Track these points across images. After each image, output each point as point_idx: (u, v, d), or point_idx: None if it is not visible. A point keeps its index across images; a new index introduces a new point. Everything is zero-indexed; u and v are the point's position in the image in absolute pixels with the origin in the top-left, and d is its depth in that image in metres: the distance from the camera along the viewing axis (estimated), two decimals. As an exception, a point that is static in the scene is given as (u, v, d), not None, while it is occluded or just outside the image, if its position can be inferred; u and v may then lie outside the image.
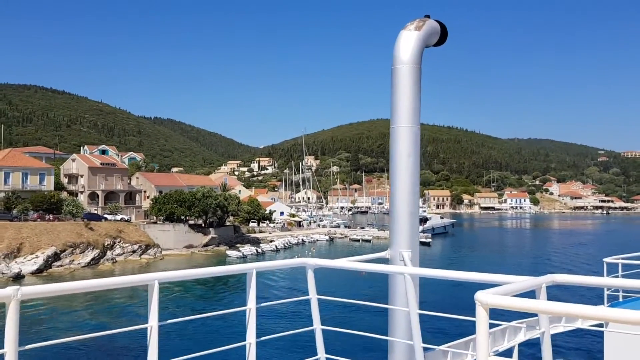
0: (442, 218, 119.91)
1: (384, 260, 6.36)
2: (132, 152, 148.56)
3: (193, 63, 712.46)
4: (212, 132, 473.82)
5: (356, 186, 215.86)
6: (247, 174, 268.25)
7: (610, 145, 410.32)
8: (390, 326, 6.08)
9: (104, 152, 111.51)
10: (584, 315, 2.65)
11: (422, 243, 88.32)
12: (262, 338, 5.04)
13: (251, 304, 4.93)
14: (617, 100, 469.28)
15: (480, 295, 2.93)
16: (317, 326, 5.56)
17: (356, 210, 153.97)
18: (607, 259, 11.42)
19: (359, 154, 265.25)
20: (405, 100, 6.26)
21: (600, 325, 7.92)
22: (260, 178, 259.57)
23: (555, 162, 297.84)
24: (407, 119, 6.27)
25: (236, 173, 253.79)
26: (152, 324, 4.14)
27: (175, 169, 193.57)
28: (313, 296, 5.53)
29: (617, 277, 10.85)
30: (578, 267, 60.86)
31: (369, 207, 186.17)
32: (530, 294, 3.73)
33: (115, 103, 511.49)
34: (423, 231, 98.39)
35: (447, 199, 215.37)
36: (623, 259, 11.67)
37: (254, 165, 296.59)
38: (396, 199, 6.32)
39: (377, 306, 5.74)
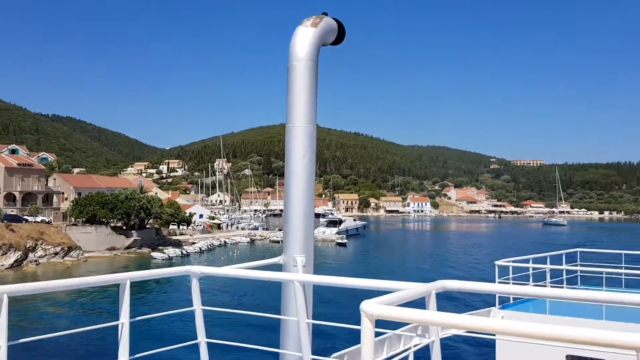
0: (355, 220, 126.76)
1: (278, 267, 6.08)
2: (43, 152, 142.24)
3: (93, 58, 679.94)
4: (115, 132, 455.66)
5: (269, 189, 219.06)
6: (156, 176, 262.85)
7: (501, 153, 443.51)
8: (282, 337, 5.78)
9: (13, 151, 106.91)
10: (469, 327, 2.57)
11: (339, 244, 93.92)
12: (137, 355, 4.67)
13: (124, 318, 4.60)
14: (507, 110, 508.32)
15: (365, 306, 2.79)
16: (202, 339, 5.29)
17: (270, 213, 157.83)
18: (498, 262, 12.19)
19: (271, 158, 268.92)
20: (301, 99, 6.07)
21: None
22: (169, 180, 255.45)
23: (453, 169, 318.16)
24: (302, 119, 6.06)
25: (144, 175, 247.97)
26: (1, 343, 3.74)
27: (76, 170, 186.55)
28: (198, 307, 5.24)
29: (507, 279, 12.19)
30: (475, 268, 64.99)
31: (282, 210, 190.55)
32: (422, 300, 3.83)
33: (10, 98, 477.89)
34: (338, 232, 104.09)
35: (355, 203, 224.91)
36: (513, 261, 12.64)
37: (163, 167, 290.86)
38: (291, 201, 6.08)
39: (265, 316, 5.52)
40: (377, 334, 5.26)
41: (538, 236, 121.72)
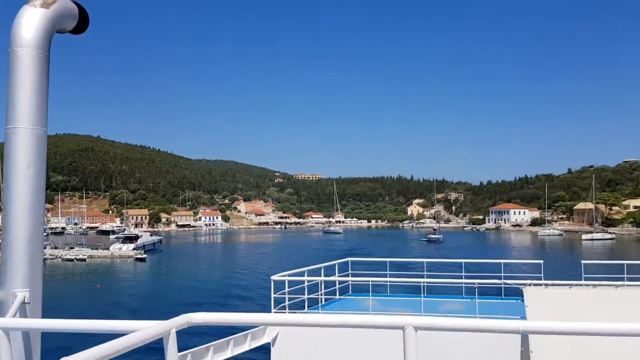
0: (151, 235, 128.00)
1: None
2: None
3: None
4: None
5: (48, 206, 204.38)
6: None
7: (284, 168, 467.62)
8: None
9: None
10: None
11: (138, 259, 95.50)
12: None
13: None
14: (288, 126, 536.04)
15: None
16: None
17: (50, 231, 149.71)
18: (274, 277, 11.97)
19: (49, 172, 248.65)
20: (26, 95, 5.03)
21: None
22: None
23: (241, 183, 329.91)
24: (28, 119, 5.03)
25: None
26: None
27: None
28: None
29: (283, 294, 12.02)
30: (262, 279, 64.65)
31: (64, 228, 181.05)
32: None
33: None
34: (136, 248, 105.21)
35: (145, 218, 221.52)
36: (289, 275, 12.48)
37: None
38: (11, 222, 4.97)
39: None
40: None
41: (320, 244, 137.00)
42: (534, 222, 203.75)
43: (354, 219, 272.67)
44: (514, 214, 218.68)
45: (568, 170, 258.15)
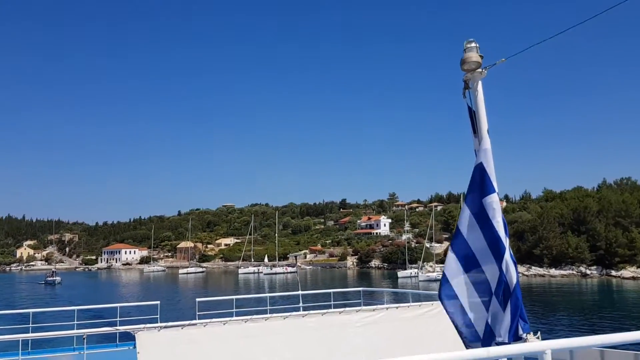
0: None
1: None
2: None
3: None
4: None
5: None
6: None
7: None
8: None
9: None
10: None
11: None
12: None
13: None
14: None
15: None
16: None
17: None
18: None
19: None
20: None
21: None
22: None
23: None
24: None
25: None
26: None
27: None
28: None
29: None
30: None
31: None
32: None
33: None
34: None
35: None
36: None
37: None
38: None
39: None
40: None
41: None
42: (143, 260, 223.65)
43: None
44: (125, 253, 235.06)
45: (178, 213, 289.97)
